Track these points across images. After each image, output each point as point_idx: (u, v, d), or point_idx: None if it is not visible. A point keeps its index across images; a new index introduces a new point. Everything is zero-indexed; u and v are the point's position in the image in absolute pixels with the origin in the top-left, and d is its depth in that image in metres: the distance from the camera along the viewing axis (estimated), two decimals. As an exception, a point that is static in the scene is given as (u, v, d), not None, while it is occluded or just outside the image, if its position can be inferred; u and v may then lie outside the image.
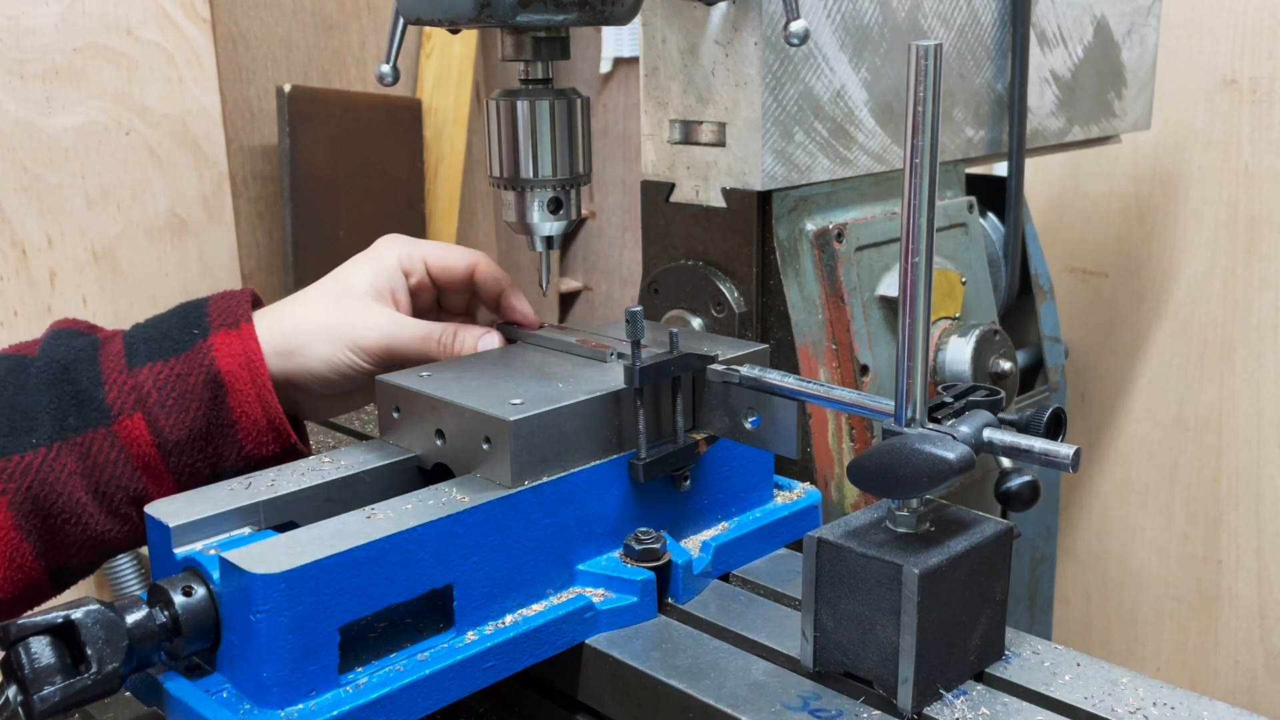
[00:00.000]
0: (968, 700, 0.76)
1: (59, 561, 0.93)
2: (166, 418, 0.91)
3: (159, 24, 2.10)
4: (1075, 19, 1.36)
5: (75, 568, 0.94)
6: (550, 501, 0.85)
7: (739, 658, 0.82)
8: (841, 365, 1.13)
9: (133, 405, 0.91)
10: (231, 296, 0.97)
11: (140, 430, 0.91)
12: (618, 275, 2.94)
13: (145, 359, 0.92)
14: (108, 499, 0.91)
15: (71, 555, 0.93)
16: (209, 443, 0.93)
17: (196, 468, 0.93)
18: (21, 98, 1.96)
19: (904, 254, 0.73)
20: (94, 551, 0.93)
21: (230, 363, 0.92)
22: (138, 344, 0.93)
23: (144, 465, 0.91)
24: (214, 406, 0.92)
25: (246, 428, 0.93)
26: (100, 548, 0.93)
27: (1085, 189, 1.91)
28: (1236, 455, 1.80)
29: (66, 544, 0.92)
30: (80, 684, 0.70)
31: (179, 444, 0.91)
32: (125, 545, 0.94)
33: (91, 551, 0.93)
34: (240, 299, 0.96)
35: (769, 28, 1.02)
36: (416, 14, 0.88)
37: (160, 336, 0.93)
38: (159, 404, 0.91)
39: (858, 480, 0.76)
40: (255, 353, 0.93)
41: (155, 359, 0.92)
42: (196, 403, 0.91)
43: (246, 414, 0.92)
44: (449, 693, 0.78)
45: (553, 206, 0.97)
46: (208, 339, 0.93)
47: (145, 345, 0.93)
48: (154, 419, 0.91)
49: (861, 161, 1.15)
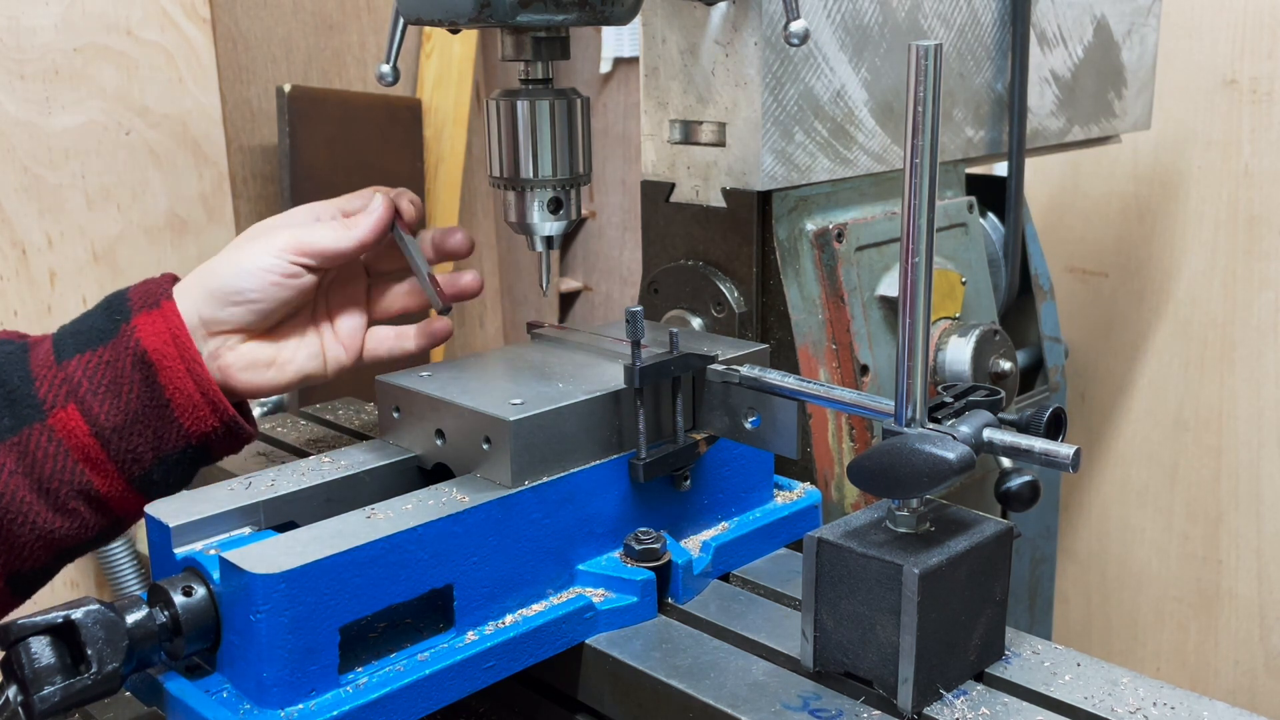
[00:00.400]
0: (968, 700, 0.76)
1: (14, 567, 0.92)
2: (100, 404, 0.90)
3: (159, 24, 2.10)
4: (1075, 19, 1.36)
5: (31, 573, 0.94)
6: (550, 501, 0.85)
7: (739, 658, 0.82)
8: (841, 365, 1.13)
9: (64, 397, 0.91)
10: (151, 282, 0.97)
11: (75, 420, 0.90)
12: (618, 275, 2.94)
13: (73, 352, 0.92)
14: (53, 495, 0.91)
15: (25, 559, 0.92)
16: (146, 425, 0.92)
17: (138, 453, 0.92)
18: (21, 98, 1.96)
19: (904, 254, 0.73)
20: (47, 553, 0.93)
21: (155, 340, 0.92)
22: (65, 340, 0.93)
23: (84, 456, 0.91)
24: (146, 386, 0.91)
25: (181, 404, 0.92)
26: (52, 547, 0.93)
27: (1085, 189, 1.91)
28: (1236, 455, 1.80)
29: (18, 546, 0.91)
30: (80, 684, 0.70)
31: (116, 429, 0.91)
32: (79, 544, 0.94)
33: (45, 553, 0.93)
34: (160, 282, 0.97)
35: (769, 28, 1.02)
36: (416, 14, 0.88)
37: (87, 329, 0.94)
38: (90, 392, 0.91)
39: (858, 480, 0.76)
40: (179, 328, 0.92)
41: (83, 350, 0.92)
42: (128, 385, 0.91)
43: (179, 389, 0.92)
44: (449, 693, 0.78)
45: (553, 206, 0.97)
46: (130, 322, 0.93)
47: (72, 339, 0.93)
48: (87, 407, 0.90)
49: (861, 161, 1.15)
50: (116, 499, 0.93)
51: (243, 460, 1.15)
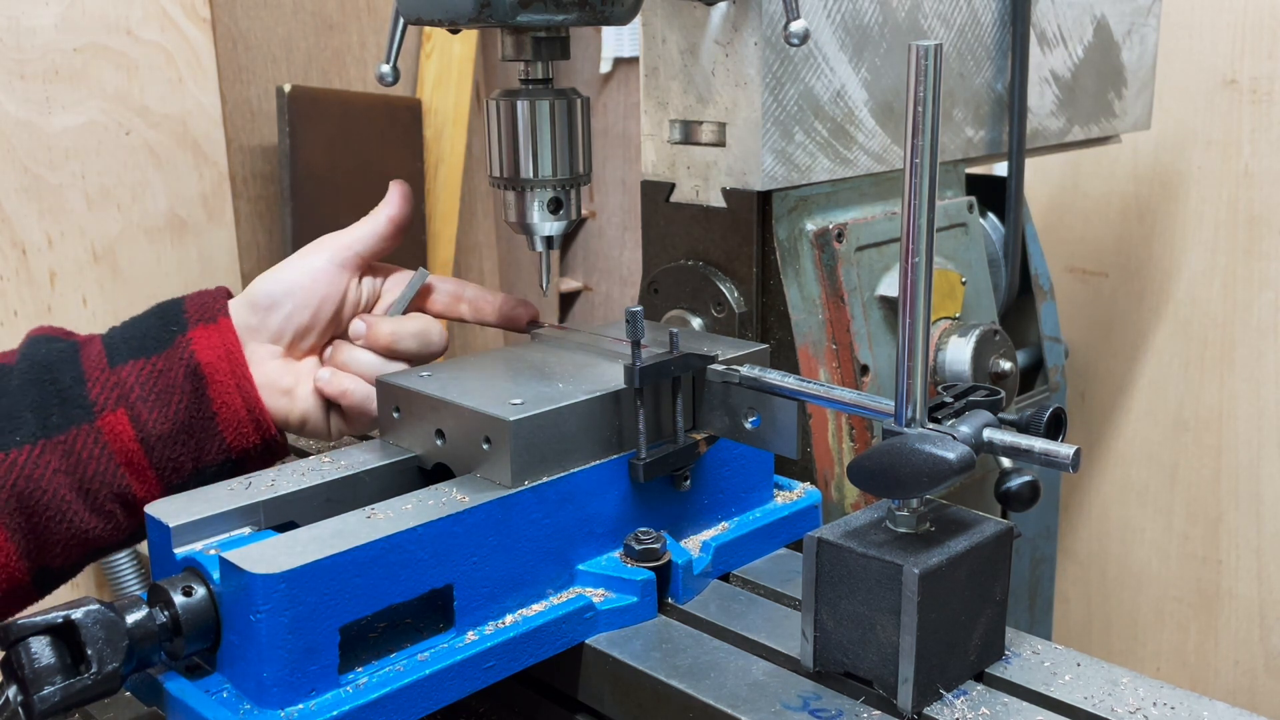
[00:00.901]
0: (968, 700, 0.76)
1: (43, 562, 0.93)
2: (149, 412, 0.92)
3: (159, 24, 2.10)
4: (1075, 19, 1.36)
5: (58, 570, 0.95)
6: (550, 501, 0.85)
7: (739, 658, 0.82)
8: (841, 365, 1.13)
9: (115, 401, 0.92)
10: (207, 294, 0.99)
11: (123, 425, 0.92)
12: (618, 275, 2.94)
13: (127, 357, 0.94)
14: (92, 496, 0.92)
15: (55, 555, 0.93)
16: (191, 435, 0.94)
17: (179, 462, 0.94)
18: (21, 98, 1.96)
19: (904, 254, 0.73)
20: (78, 551, 0.94)
21: (210, 354, 0.94)
22: (117, 344, 0.95)
23: (126, 461, 0.92)
24: (195, 398, 0.93)
25: (227, 418, 0.94)
26: (84, 547, 0.94)
27: (1085, 189, 1.91)
28: (1236, 455, 1.80)
29: (51, 543, 0.92)
30: (80, 684, 0.70)
31: (162, 438, 0.92)
32: (109, 545, 0.95)
33: (76, 551, 0.94)
34: (216, 296, 0.98)
35: (769, 28, 1.02)
36: (416, 14, 0.88)
37: (140, 336, 0.95)
38: (142, 399, 0.92)
39: (858, 480, 0.76)
40: (234, 345, 0.95)
41: (137, 356, 0.94)
42: (178, 395, 0.93)
43: (226, 404, 0.94)
44: (449, 693, 0.78)
45: (553, 206, 0.97)
46: (186, 334, 0.94)
47: (125, 345, 0.94)
48: (137, 414, 0.92)
49: (861, 161, 1.15)
50: None
51: (243, 460, 1.15)
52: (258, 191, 2.38)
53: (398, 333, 1.00)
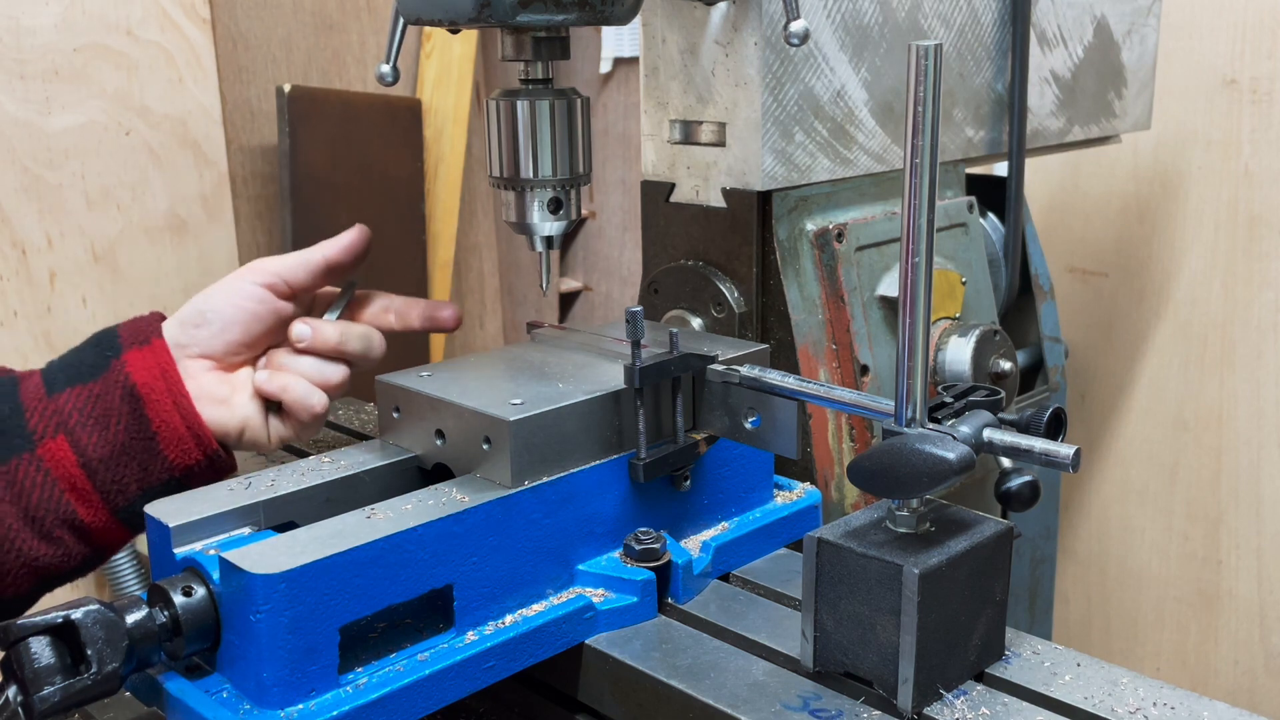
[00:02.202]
0: (968, 700, 0.76)
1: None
2: (88, 436, 0.94)
3: (159, 24, 2.10)
4: (1075, 19, 1.36)
5: (12, 600, 0.95)
6: (550, 501, 0.85)
7: (739, 658, 0.82)
8: (841, 365, 1.13)
9: (55, 428, 0.93)
10: (141, 320, 1.00)
11: (64, 451, 0.93)
12: (618, 275, 2.94)
13: (64, 385, 0.95)
14: (39, 523, 0.93)
15: (8, 585, 0.94)
16: (133, 456, 0.95)
17: (124, 484, 0.95)
18: (21, 98, 1.96)
19: (904, 254, 0.73)
20: (30, 580, 0.95)
21: (145, 375, 0.95)
22: (55, 374, 0.96)
23: (70, 486, 0.93)
24: (134, 419, 0.94)
25: (167, 437, 0.95)
26: (35, 575, 0.95)
27: (1085, 189, 1.91)
28: (1236, 455, 1.80)
29: (3, 572, 0.93)
30: (80, 684, 0.70)
31: (103, 460, 0.94)
32: (61, 573, 0.96)
33: (28, 580, 0.94)
34: (150, 320, 1.00)
35: (769, 28, 1.02)
36: (416, 14, 0.88)
37: (77, 364, 0.97)
38: (80, 424, 0.94)
39: (858, 480, 0.76)
40: (168, 364, 0.96)
41: (74, 384, 0.95)
42: (116, 417, 0.94)
43: (166, 423, 0.95)
44: (449, 693, 0.78)
45: (553, 206, 0.97)
46: (121, 357, 0.96)
47: (63, 374, 0.96)
48: (76, 439, 0.93)
49: (861, 161, 1.15)
50: (100, 529, 0.95)
51: (243, 460, 1.15)
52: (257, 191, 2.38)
53: (345, 333, 1.01)
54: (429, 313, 1.06)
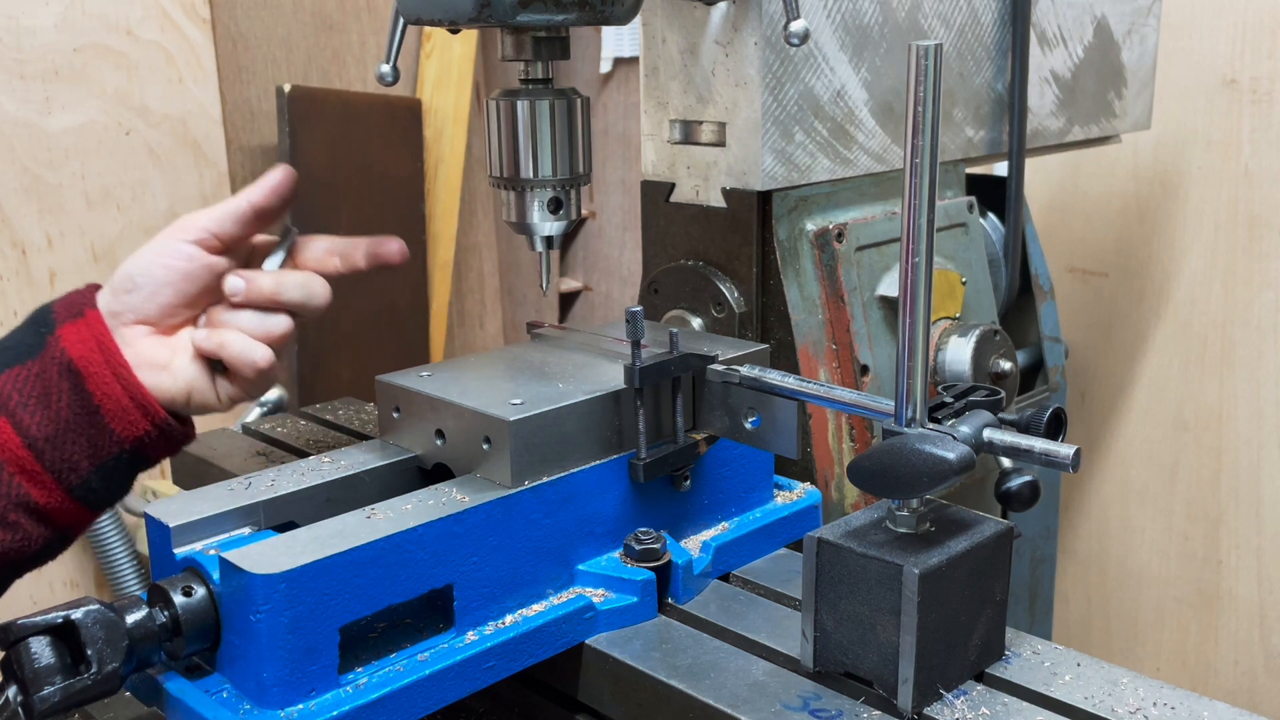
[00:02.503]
0: (968, 700, 0.76)
1: None
2: (30, 415, 0.91)
3: (159, 24, 2.10)
4: (1075, 19, 1.36)
5: None
6: (550, 501, 0.85)
7: (739, 658, 0.82)
8: (841, 365, 1.13)
9: None
10: (76, 294, 0.97)
11: (7, 433, 0.91)
12: (618, 275, 2.94)
13: (2, 368, 0.93)
14: None
15: None
16: (80, 432, 0.92)
17: (74, 461, 0.92)
18: (21, 98, 1.96)
19: (904, 254, 0.73)
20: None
21: (80, 348, 0.92)
22: None
23: (19, 468, 0.91)
24: (75, 394, 0.92)
25: (111, 409, 0.92)
26: None
27: (1085, 189, 1.91)
28: (1236, 455, 1.79)
29: None
30: (80, 684, 0.70)
31: (49, 439, 0.91)
32: (23, 557, 0.94)
33: None
34: (84, 293, 0.97)
35: (769, 28, 1.02)
36: (416, 14, 0.88)
37: (15, 345, 0.94)
38: (21, 404, 0.91)
39: (858, 480, 0.76)
40: (104, 334, 0.93)
41: (11, 365, 0.93)
42: (56, 394, 0.92)
43: (108, 395, 0.92)
44: (449, 693, 0.78)
45: (553, 206, 0.97)
46: (55, 333, 0.93)
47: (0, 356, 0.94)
48: (18, 419, 0.91)
49: (861, 161, 1.15)
50: (57, 509, 0.93)
51: (243, 460, 1.15)
52: (258, 191, 2.38)
53: (281, 283, 0.97)
54: (373, 249, 1.01)
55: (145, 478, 2.20)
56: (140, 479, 2.31)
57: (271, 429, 1.24)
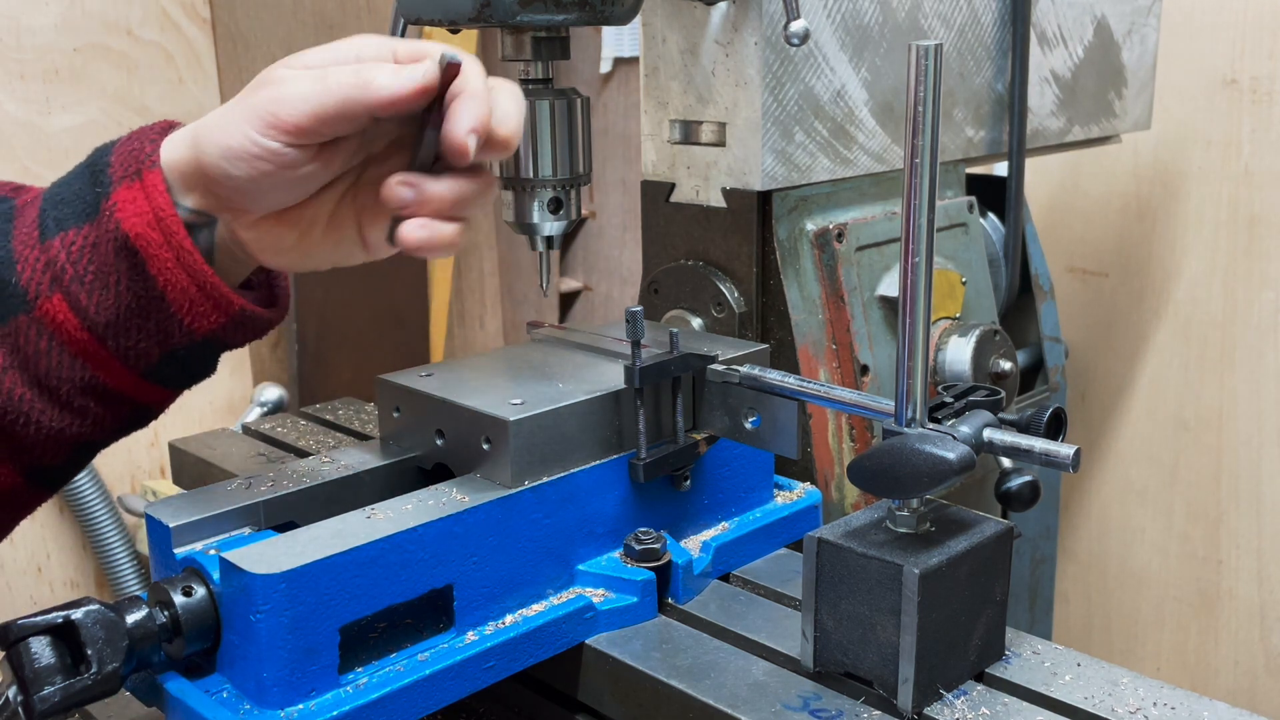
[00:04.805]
0: (968, 700, 0.76)
1: (30, 463, 0.81)
2: (88, 296, 0.76)
3: (159, 24, 2.10)
4: (1075, 19, 1.36)
5: (52, 467, 0.83)
6: (550, 501, 0.85)
7: (739, 658, 0.82)
8: (841, 365, 1.13)
9: (49, 285, 0.76)
10: (138, 137, 0.78)
11: (64, 314, 0.76)
12: (618, 275, 2.94)
13: (56, 229, 0.77)
14: (53, 392, 0.78)
15: (40, 455, 0.81)
16: (146, 318, 0.77)
17: (141, 349, 0.78)
18: (21, 98, 1.96)
19: (904, 254, 0.73)
20: (65, 450, 0.81)
21: (137, 223, 0.75)
22: (49, 208, 0.78)
23: (81, 351, 0.77)
24: (136, 277, 0.76)
25: (177, 299, 0.77)
26: (68, 445, 0.81)
27: (1085, 189, 1.91)
28: (1236, 455, 1.79)
29: (28, 445, 0.80)
30: (80, 684, 0.70)
31: (110, 325, 0.77)
32: (97, 438, 0.83)
33: (63, 450, 0.81)
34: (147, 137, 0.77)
35: (769, 28, 1.02)
36: (416, 14, 0.88)
37: (71, 197, 0.78)
38: (76, 280, 0.76)
39: (858, 480, 0.76)
40: (164, 208, 0.75)
41: (65, 226, 0.77)
42: (115, 275, 0.76)
43: (172, 283, 0.76)
44: (449, 693, 0.78)
45: (553, 206, 0.97)
46: (110, 198, 0.76)
47: (55, 210, 0.78)
48: (74, 298, 0.76)
49: (861, 161, 1.15)
50: (131, 390, 0.80)
51: (243, 460, 1.15)
52: (258, 191, 2.38)
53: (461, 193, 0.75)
54: None
55: (145, 478, 2.20)
56: (140, 479, 2.30)
57: (271, 429, 1.24)
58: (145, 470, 2.19)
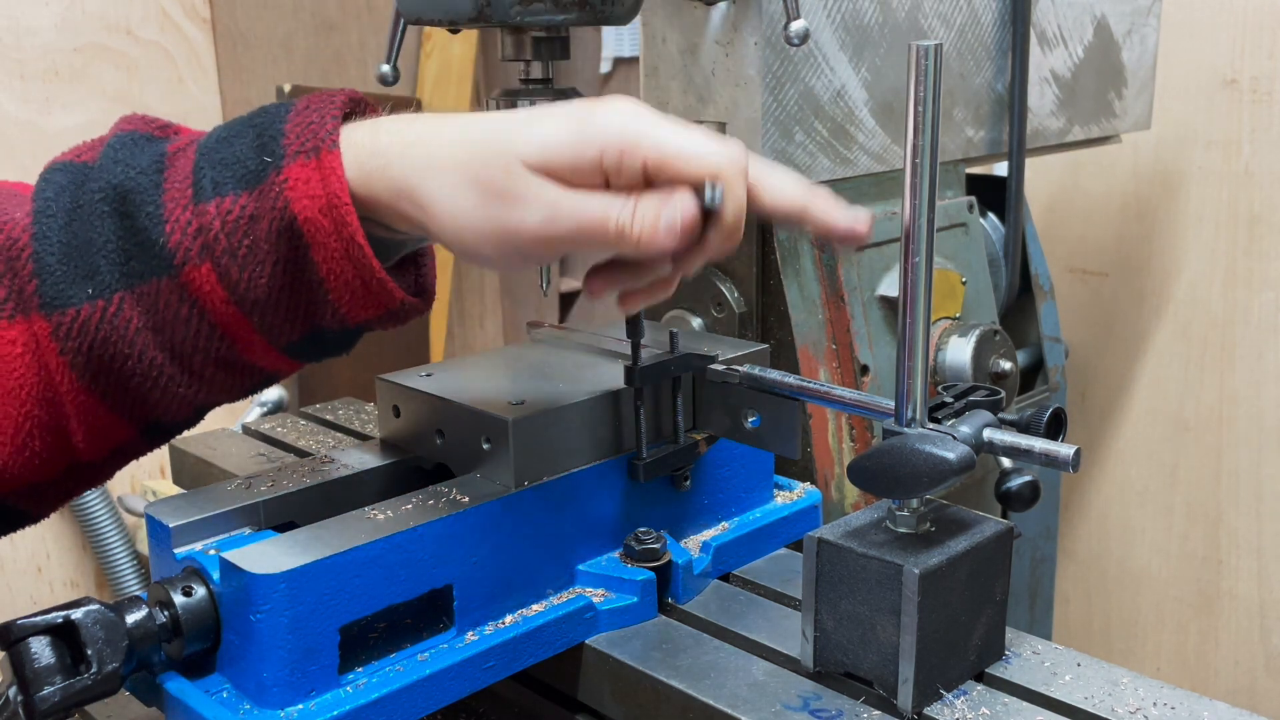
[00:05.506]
0: (968, 700, 0.76)
1: (149, 418, 0.78)
2: (240, 271, 0.71)
3: (159, 24, 2.10)
4: (1075, 19, 1.36)
5: (172, 424, 0.80)
6: (550, 501, 0.85)
7: (739, 658, 0.82)
8: (841, 365, 1.13)
9: (199, 252, 0.71)
10: (320, 108, 0.73)
11: (211, 285, 0.72)
12: (618, 275, 2.94)
13: (213, 192, 0.71)
14: (186, 361, 0.74)
15: (162, 414, 0.78)
16: (297, 299, 0.74)
17: (287, 329, 0.75)
18: (21, 98, 1.96)
19: (904, 254, 0.73)
20: (186, 409, 0.78)
21: (309, 206, 0.70)
22: (205, 166, 0.72)
23: (225, 324, 0.73)
24: (294, 262, 0.72)
25: (337, 288, 0.73)
26: (190, 405, 0.78)
27: (1085, 189, 1.91)
28: (1236, 455, 1.79)
29: (151, 404, 0.76)
30: (80, 684, 0.70)
31: (259, 303, 0.73)
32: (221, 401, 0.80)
33: (183, 409, 0.78)
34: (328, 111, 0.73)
35: (769, 28, 1.02)
36: (416, 14, 0.88)
37: (232, 160, 0.72)
38: (229, 253, 0.71)
39: (858, 480, 0.76)
40: (338, 194, 0.70)
41: (224, 191, 0.71)
42: (273, 256, 0.71)
43: (335, 273, 0.72)
44: (449, 693, 0.78)
45: (553, 206, 0.97)
46: (281, 172, 0.71)
47: (212, 170, 0.72)
48: (225, 270, 0.71)
49: (861, 161, 1.15)
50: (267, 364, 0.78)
51: (243, 460, 1.15)
52: (258, 191, 2.38)
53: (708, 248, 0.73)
54: None
55: (145, 478, 2.20)
56: (140, 479, 2.30)
57: (271, 429, 1.24)
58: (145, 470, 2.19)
